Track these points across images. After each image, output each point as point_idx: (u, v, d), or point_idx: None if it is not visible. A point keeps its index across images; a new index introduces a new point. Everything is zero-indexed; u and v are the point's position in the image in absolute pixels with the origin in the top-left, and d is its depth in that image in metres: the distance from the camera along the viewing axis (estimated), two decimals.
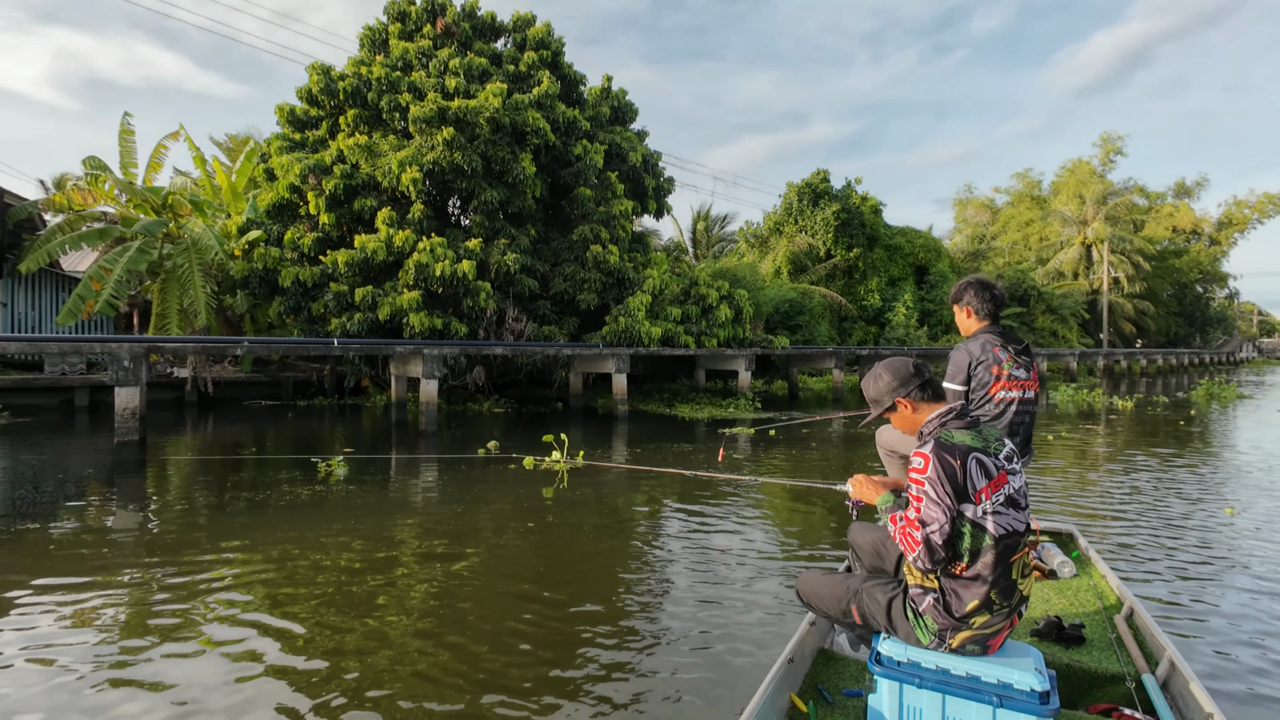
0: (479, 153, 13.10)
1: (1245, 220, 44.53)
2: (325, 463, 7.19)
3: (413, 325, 11.72)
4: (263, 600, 3.67)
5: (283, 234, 13.96)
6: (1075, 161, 42.04)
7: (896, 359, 2.06)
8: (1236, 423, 12.91)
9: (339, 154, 13.64)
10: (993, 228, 43.47)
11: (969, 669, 1.81)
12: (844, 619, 2.08)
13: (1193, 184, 45.00)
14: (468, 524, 5.25)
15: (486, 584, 3.95)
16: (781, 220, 26.36)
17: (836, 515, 5.55)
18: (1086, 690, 2.25)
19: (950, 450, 1.79)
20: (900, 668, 1.88)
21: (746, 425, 11.45)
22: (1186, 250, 42.96)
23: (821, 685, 2.20)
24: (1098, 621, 2.60)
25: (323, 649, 3.10)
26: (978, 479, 1.78)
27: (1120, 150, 41.75)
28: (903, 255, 26.76)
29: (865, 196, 26.24)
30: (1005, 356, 2.74)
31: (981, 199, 46.48)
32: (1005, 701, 1.75)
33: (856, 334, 24.47)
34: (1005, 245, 40.77)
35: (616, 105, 16.99)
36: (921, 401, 1.96)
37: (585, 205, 14.84)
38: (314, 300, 13.24)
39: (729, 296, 15.63)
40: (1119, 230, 38.01)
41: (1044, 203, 42.69)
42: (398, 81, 13.99)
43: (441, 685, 2.78)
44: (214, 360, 14.29)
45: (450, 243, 12.94)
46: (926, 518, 1.76)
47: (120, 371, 7.46)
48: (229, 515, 5.45)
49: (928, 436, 1.88)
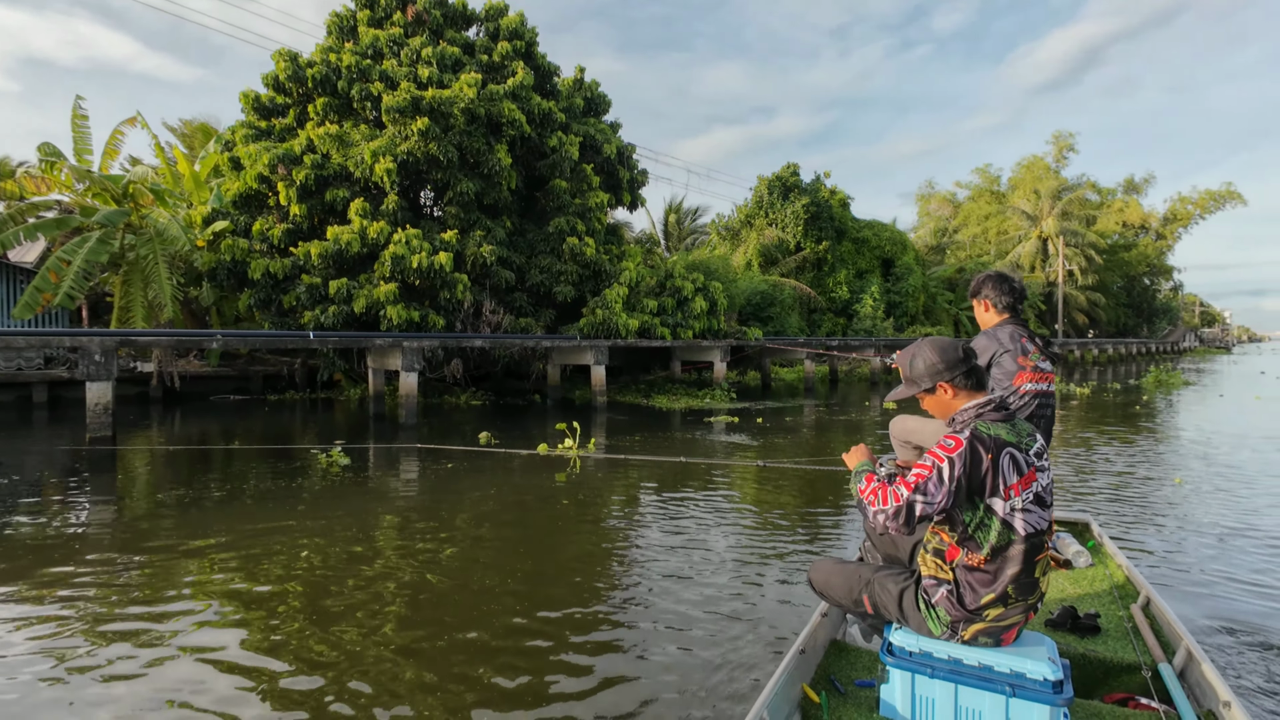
0: (454, 144, 13.00)
1: (1189, 216, 46.65)
2: (326, 454, 7.21)
3: (390, 318, 11.62)
4: (262, 593, 3.71)
5: (251, 225, 13.65)
6: (1032, 158, 43.44)
7: (943, 339, 1.94)
8: (1184, 407, 13.68)
9: (309, 143, 13.38)
10: (954, 221, 44.67)
11: (981, 659, 1.80)
12: (855, 608, 2.06)
13: (1141, 181, 46.93)
14: (483, 511, 5.32)
15: (501, 564, 4.04)
16: (752, 213, 26.70)
17: (844, 502, 5.77)
18: (1101, 680, 2.22)
19: (985, 443, 1.71)
20: (912, 658, 1.87)
21: (725, 413, 11.69)
22: (1135, 244, 44.85)
23: (834, 676, 2.18)
24: (1113, 611, 2.56)
25: (361, 645, 3.17)
26: (1009, 475, 1.71)
27: (1072, 147, 43.29)
28: (870, 248, 27.36)
29: (834, 190, 26.73)
30: (1033, 348, 2.68)
31: (943, 193, 47.69)
32: (1018, 691, 1.73)
33: (825, 325, 24.98)
34: (966, 239, 41.98)
35: (590, 97, 16.99)
36: (963, 389, 1.86)
37: (561, 197, 14.86)
38: (285, 293, 12.99)
39: (704, 289, 15.84)
40: (1073, 225, 39.49)
41: (1002, 198, 44.03)
42: (369, 70, 13.75)
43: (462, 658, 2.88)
44: (180, 354, 13.90)
45: (425, 234, 12.83)
46: (927, 489, 1.69)
47: (92, 366, 7.27)
48: (222, 510, 5.41)
49: (962, 425, 1.80)
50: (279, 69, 13.96)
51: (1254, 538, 4.65)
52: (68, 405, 12.88)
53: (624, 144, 17.03)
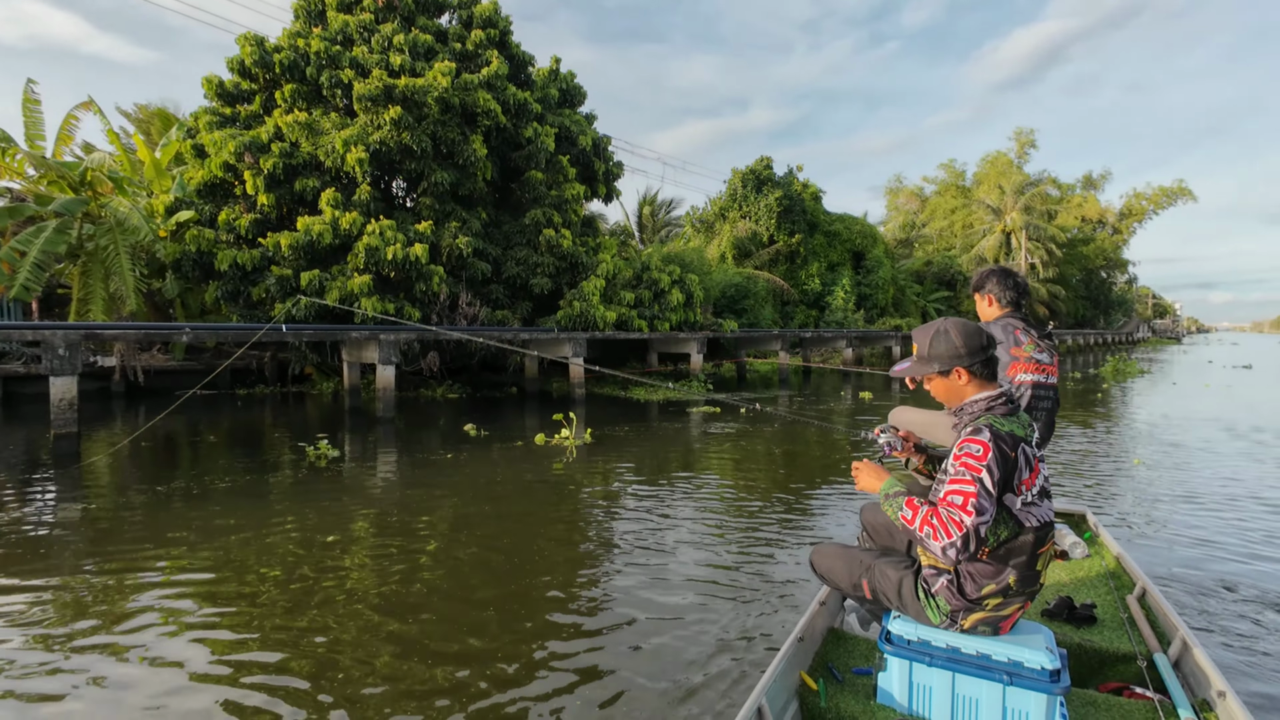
0: (428, 133, 12.81)
1: (1143, 211, 48.37)
2: (314, 447, 7.25)
3: (365, 310, 11.43)
4: (254, 592, 3.68)
5: (216, 215, 13.26)
6: (995, 154, 44.49)
7: (969, 322, 1.86)
8: (1140, 394, 14.26)
9: (277, 131, 13.03)
10: (922, 215, 45.56)
11: (979, 648, 1.81)
12: (855, 593, 2.06)
13: (1098, 177, 48.40)
14: (479, 502, 5.32)
15: (513, 546, 4.07)
16: (726, 206, 26.86)
17: (843, 488, 5.90)
18: (1097, 669, 2.25)
19: (1006, 441, 1.69)
20: (910, 646, 1.87)
21: (704, 404, 11.81)
22: (1093, 239, 46.34)
23: (831, 664, 2.19)
24: (1109, 601, 2.60)
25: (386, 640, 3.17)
26: (1023, 470, 1.71)
27: (1033, 143, 44.40)
28: (841, 241, 27.77)
29: (806, 184, 27.03)
30: (1027, 339, 2.71)
31: (911, 188, 48.54)
32: (1015, 680, 1.74)
33: (798, 317, 25.32)
34: (934, 232, 42.87)
35: (565, 88, 16.87)
36: (978, 377, 1.82)
37: (537, 189, 14.76)
38: (254, 285, 12.67)
39: (680, 281, 15.92)
40: (1034, 219, 40.61)
41: (968, 192, 45.02)
42: (338, 56, 13.44)
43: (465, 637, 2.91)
44: (143, 348, 13.48)
45: (399, 225, 12.64)
46: (983, 508, 1.63)
47: (55, 360, 7.03)
48: (200, 506, 5.31)
49: (973, 419, 1.77)
50: (244, 54, 13.56)
51: (1200, 503, 5.40)
52: (23, 401, 12.40)
53: (599, 136, 16.97)
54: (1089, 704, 1.95)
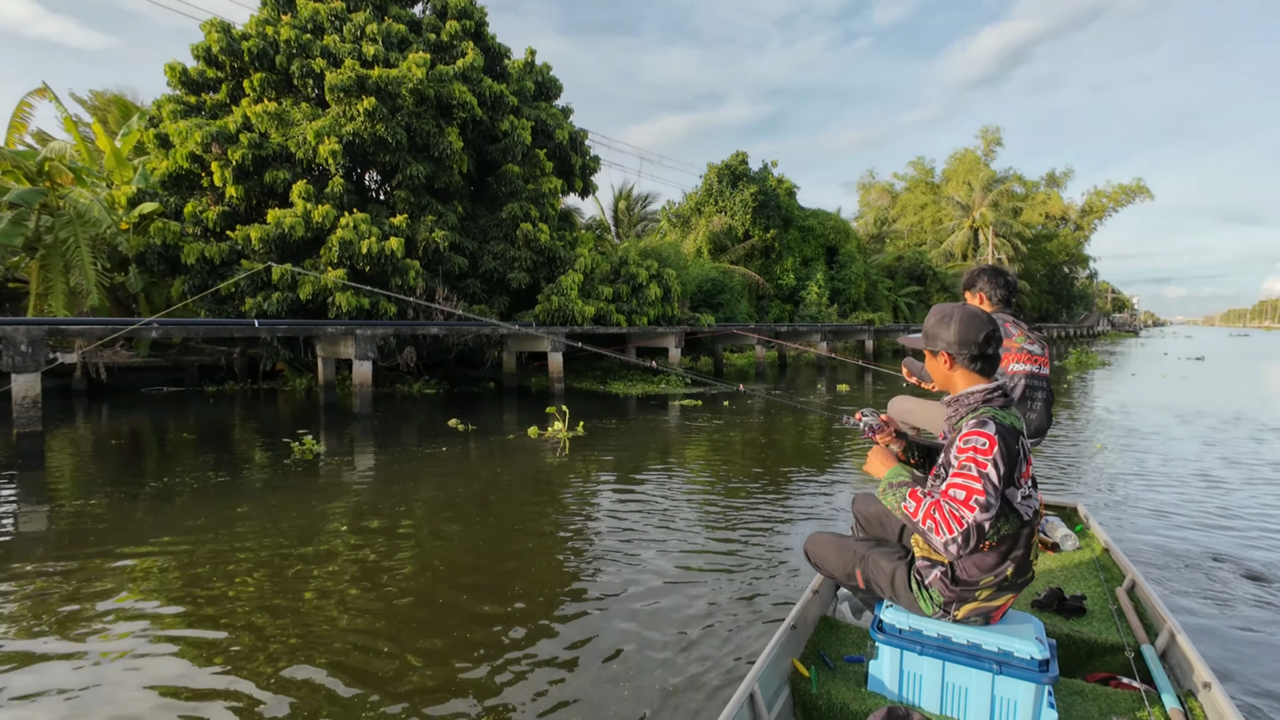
0: (402, 125, 12.62)
1: (1103, 209, 49.92)
2: (298, 443, 7.23)
3: (339, 305, 11.25)
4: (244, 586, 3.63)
5: (182, 207, 12.90)
6: (963, 151, 45.47)
7: (979, 316, 1.82)
8: (1102, 384, 14.77)
9: (245, 121, 12.71)
10: (893, 211, 46.35)
11: (970, 637, 1.83)
12: (848, 582, 2.07)
13: (1061, 175, 49.82)
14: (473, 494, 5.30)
15: (498, 540, 4.07)
16: (702, 201, 26.97)
17: (829, 475, 6.02)
18: (1086, 659, 2.28)
19: (1009, 434, 1.70)
20: (902, 635, 1.89)
21: (686, 397, 11.89)
22: (1056, 235, 47.67)
23: (824, 651, 2.20)
24: (1099, 593, 2.62)
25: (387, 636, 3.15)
26: (1022, 464, 1.74)
27: (999, 141, 45.51)
28: (815, 236, 28.11)
29: (781, 179, 27.28)
30: (1017, 331, 2.76)
31: (883, 184, 49.34)
32: (1005, 669, 1.76)
33: (773, 311, 25.58)
34: (904, 228, 43.62)
35: (541, 80, 16.76)
36: (968, 370, 1.82)
37: (514, 182, 14.66)
38: (223, 278, 12.36)
39: (658, 275, 15.97)
40: (1001, 216, 41.61)
41: (936, 189, 45.94)
42: (309, 45, 13.16)
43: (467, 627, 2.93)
44: (105, 344, 13.06)
45: (374, 219, 12.44)
46: (985, 502, 1.64)
47: (17, 357, 6.79)
48: (176, 506, 5.20)
49: (967, 409, 1.79)
50: (210, 41, 13.17)
51: (1157, 483, 5.93)
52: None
53: (576, 129, 16.90)
54: (1076, 693, 1.98)
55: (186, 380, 13.87)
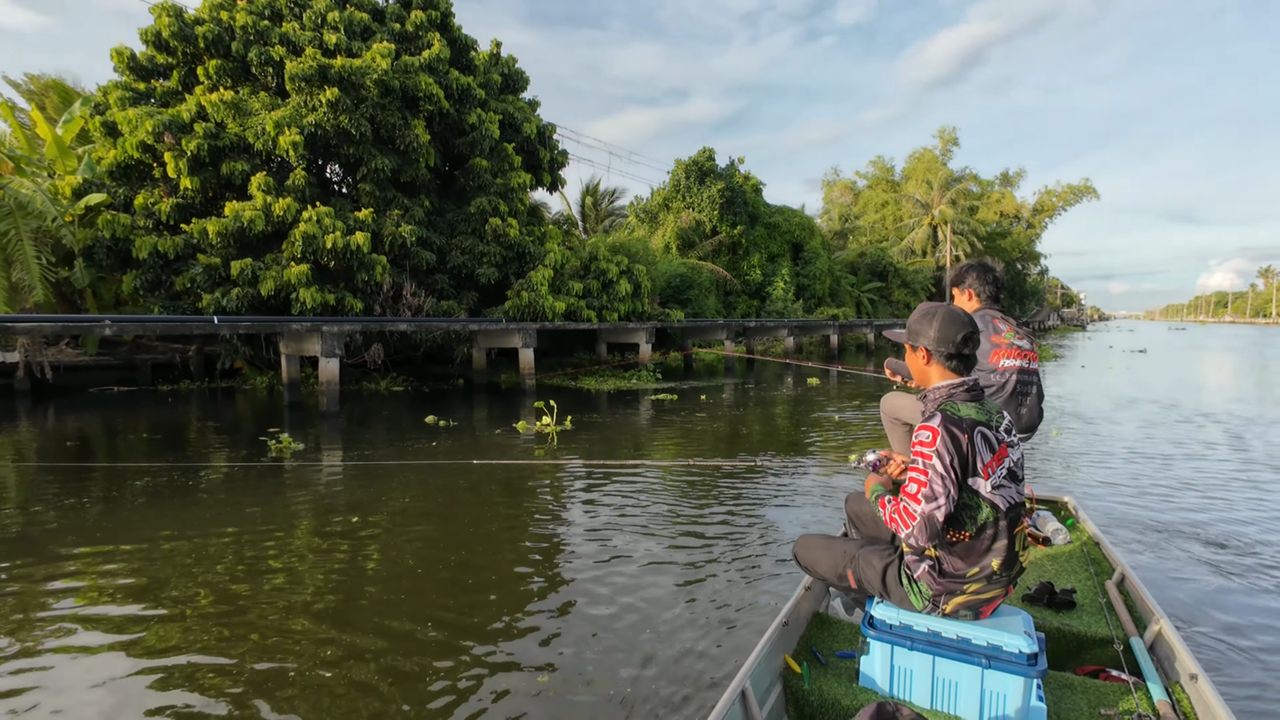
0: (367, 117, 12.33)
1: (1053, 208, 51.74)
2: (275, 441, 7.20)
3: (303, 301, 10.95)
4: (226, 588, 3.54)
5: (132, 198, 12.37)
6: (922, 150, 46.59)
7: (960, 315, 1.88)
8: (1053, 376, 15.38)
9: (200, 110, 12.25)
10: (855, 208, 47.24)
11: (959, 632, 1.84)
12: (839, 583, 2.10)
13: (1014, 174, 51.41)
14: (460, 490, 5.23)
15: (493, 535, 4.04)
16: (670, 196, 27.03)
17: (826, 479, 6.02)
18: (1075, 653, 2.30)
19: (957, 424, 1.74)
20: (892, 630, 1.91)
21: (665, 392, 11.94)
22: (1010, 232, 49.26)
23: (815, 647, 2.21)
24: (1089, 587, 2.64)
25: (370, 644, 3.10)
26: (984, 453, 1.75)
27: (955, 141, 46.77)
28: (781, 233, 28.47)
29: (747, 176, 27.53)
30: (1006, 327, 2.78)
31: (846, 181, 50.23)
32: (994, 663, 1.78)
33: (740, 307, 25.84)
34: (867, 225, 44.52)
35: (507, 73, 16.55)
36: (943, 366, 1.88)
37: (482, 177, 14.47)
38: (178, 274, 11.91)
39: (628, 271, 15.98)
40: (958, 214, 42.82)
41: (897, 187, 46.98)
42: (267, 32, 12.73)
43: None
44: (50, 342, 12.45)
45: (337, 212, 12.14)
46: (933, 492, 1.70)
47: None
48: (140, 510, 5.01)
49: (932, 405, 1.85)
50: (161, 25, 12.63)
51: (1108, 462, 6.58)
52: None
53: (544, 123, 16.76)
54: (1065, 686, 2.01)
55: (139, 379, 13.32)
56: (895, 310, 33.74)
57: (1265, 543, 4.20)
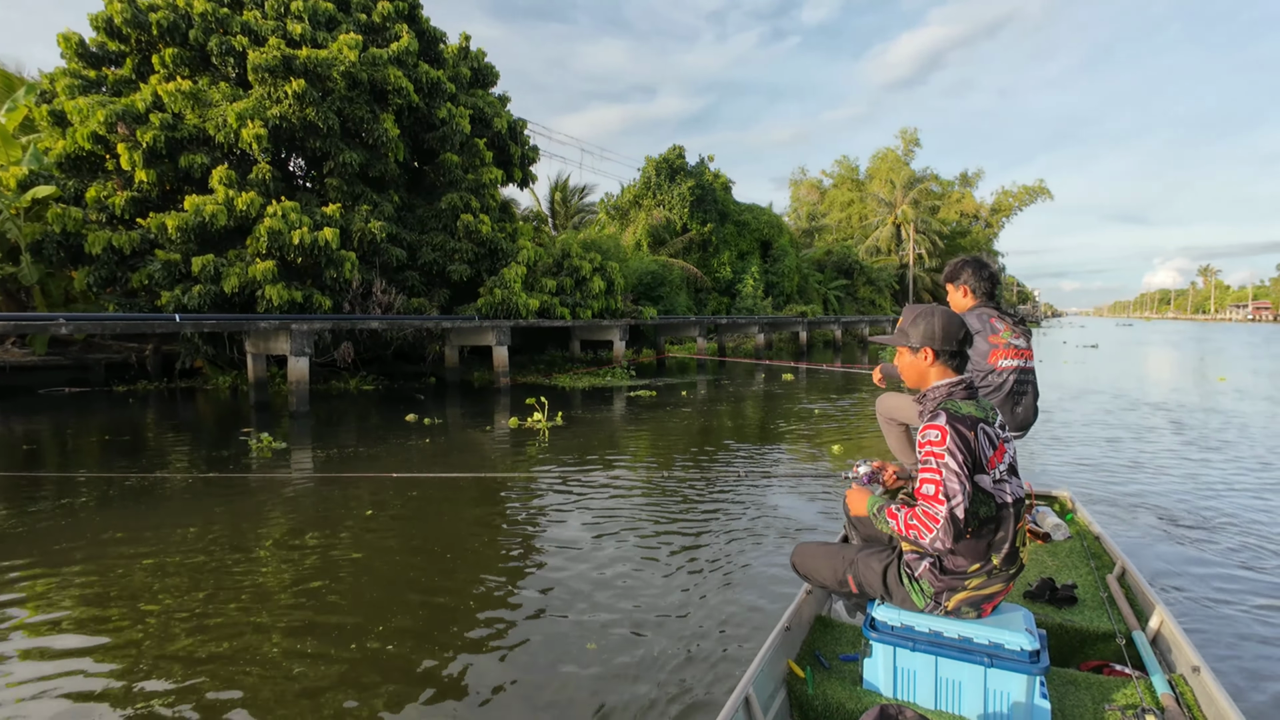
0: (334, 110, 12.04)
1: (1009, 207, 53.39)
2: (257, 440, 7.15)
3: (270, 298, 10.64)
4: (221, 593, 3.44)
5: (83, 191, 11.85)
6: (885, 150, 47.58)
7: (956, 315, 1.93)
8: None
9: (156, 100, 11.78)
10: (821, 207, 48.00)
11: (961, 631, 1.84)
12: (840, 589, 2.07)
13: (973, 175, 52.90)
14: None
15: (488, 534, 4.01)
16: (640, 193, 27.05)
17: (823, 483, 5.85)
18: (1078, 648, 2.29)
19: (962, 421, 1.76)
20: (894, 632, 1.90)
21: (645, 389, 11.97)
22: (969, 231, 50.67)
23: (818, 651, 2.18)
24: (1090, 582, 2.62)
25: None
26: (986, 449, 1.77)
27: (917, 142, 47.89)
28: (750, 231, 28.76)
29: (717, 174, 27.73)
30: (1004, 326, 2.74)
31: (812, 180, 50.98)
32: (996, 661, 1.77)
33: (710, 304, 26.04)
34: (833, 223, 45.28)
35: (476, 67, 16.33)
36: (945, 366, 1.90)
37: (453, 172, 14.27)
38: (134, 270, 11.46)
39: (601, 268, 15.95)
40: (920, 213, 43.88)
41: (862, 186, 47.90)
42: (227, 20, 12.31)
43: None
44: None
45: (303, 207, 11.82)
46: (950, 491, 1.70)
47: None
48: (116, 516, 4.83)
49: (933, 404, 1.86)
50: (113, 10, 12.11)
51: (1063, 443, 7.14)
52: None
53: (514, 119, 16.60)
54: (1069, 682, 1.99)
55: (92, 380, 12.77)
56: (861, 307, 34.42)
57: (1264, 531, 4.33)
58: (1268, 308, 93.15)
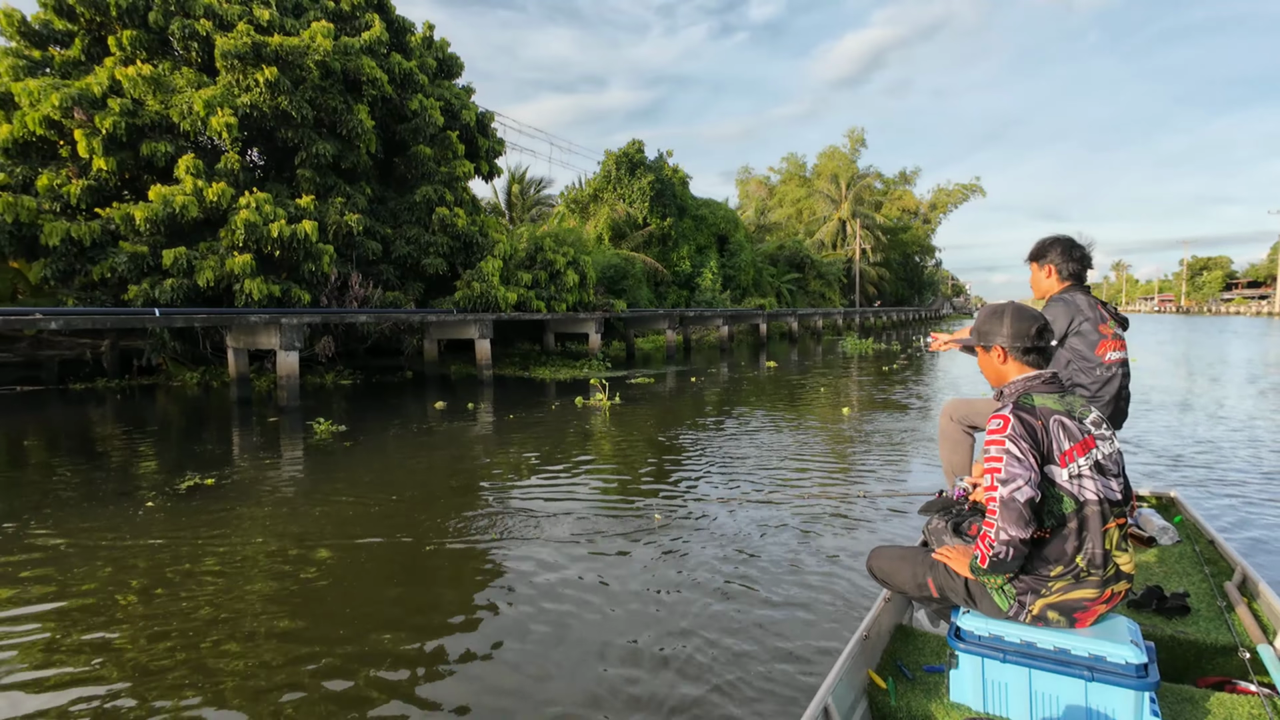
0: (307, 100, 11.81)
1: (945, 204, 56.19)
2: (318, 424, 7.49)
3: (250, 292, 10.43)
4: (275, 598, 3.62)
5: (34, 179, 11.24)
6: (831, 148, 49.24)
7: (1029, 310, 1.88)
8: (953, 361, 17.08)
9: (114, 84, 11.29)
10: (770, 203, 49.27)
11: (1056, 642, 1.70)
12: (919, 593, 1.97)
13: (911, 173, 55.43)
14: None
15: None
16: (600, 187, 27.24)
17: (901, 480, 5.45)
18: (1193, 663, 2.08)
19: (1030, 411, 1.71)
20: (981, 642, 1.78)
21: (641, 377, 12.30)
22: (910, 227, 53.06)
23: (900, 661, 2.07)
24: (1204, 590, 2.38)
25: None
26: (1061, 441, 1.68)
27: (863, 142, 49.79)
28: (707, 225, 29.38)
29: (676, 169, 28.21)
30: (1109, 315, 2.50)
31: (759, 177, 52.22)
32: (1098, 675, 1.63)
33: (670, 297, 26.53)
34: (782, 219, 46.57)
35: (441, 57, 16.21)
36: (1020, 362, 1.84)
37: (425, 165, 14.20)
38: (95, 262, 10.98)
39: (574, 262, 16.17)
40: (864, 209, 45.69)
41: (809, 183, 49.43)
42: (189, 3, 11.88)
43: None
44: None
45: (276, 199, 11.58)
46: (1011, 474, 1.63)
47: None
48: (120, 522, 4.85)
49: (1009, 399, 1.81)
50: None
51: None
52: None
53: (482, 111, 16.57)
54: (1186, 700, 1.81)
55: (45, 378, 12.14)
56: (812, 300, 35.68)
57: None
58: (1171, 300, 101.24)
